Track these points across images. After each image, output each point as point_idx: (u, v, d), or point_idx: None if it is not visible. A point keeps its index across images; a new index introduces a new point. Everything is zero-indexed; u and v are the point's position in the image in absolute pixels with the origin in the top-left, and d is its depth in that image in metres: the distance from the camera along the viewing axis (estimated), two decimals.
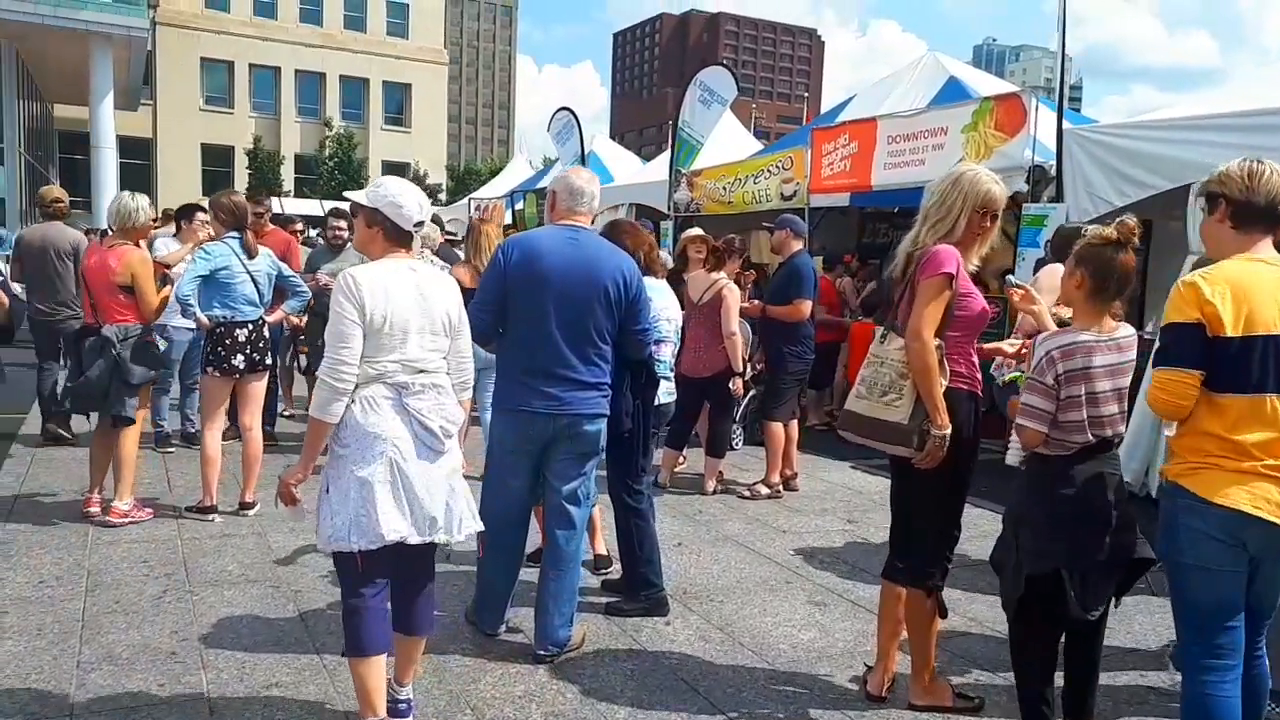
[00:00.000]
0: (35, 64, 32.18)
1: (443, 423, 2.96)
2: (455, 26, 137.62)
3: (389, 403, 2.89)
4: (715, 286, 6.33)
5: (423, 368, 2.96)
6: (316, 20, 52.26)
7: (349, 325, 2.84)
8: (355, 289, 2.85)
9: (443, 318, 3.02)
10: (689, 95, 12.38)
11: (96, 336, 5.18)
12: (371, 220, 3.01)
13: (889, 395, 3.15)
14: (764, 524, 5.91)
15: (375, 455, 2.86)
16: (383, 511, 2.84)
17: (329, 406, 2.85)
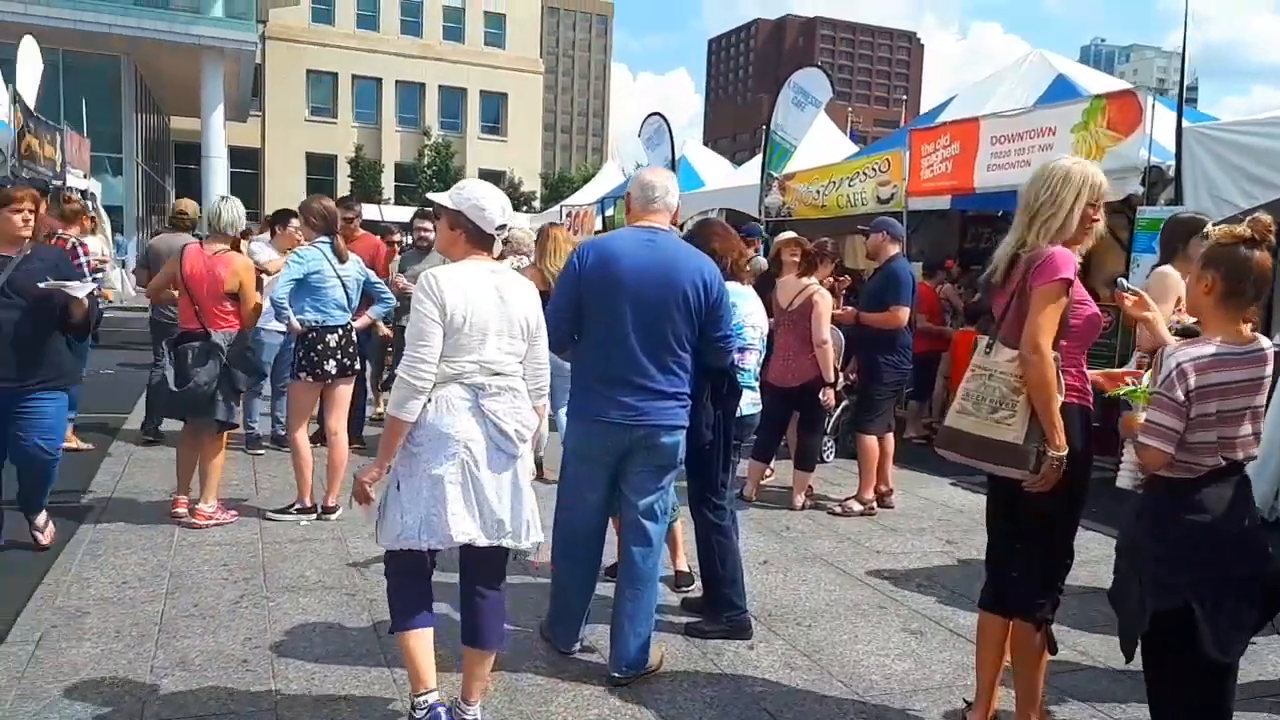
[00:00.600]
0: (153, 78, 33.67)
1: (518, 426, 2.95)
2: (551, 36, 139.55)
3: (465, 404, 2.89)
4: (806, 292, 6.08)
5: (499, 370, 2.95)
6: (416, 32, 53.60)
7: (429, 324, 2.85)
8: (436, 288, 2.86)
9: (521, 321, 3.01)
10: (782, 97, 12.11)
11: (204, 342, 5.18)
12: (454, 223, 3.02)
13: (1000, 412, 2.88)
14: (856, 543, 5.63)
15: (449, 456, 2.86)
16: (453, 513, 2.84)
17: (407, 404, 2.85)
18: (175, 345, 5.21)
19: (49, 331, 4.38)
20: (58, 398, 4.49)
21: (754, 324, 4.24)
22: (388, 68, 52.51)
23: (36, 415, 4.37)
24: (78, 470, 6.13)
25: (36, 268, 4.31)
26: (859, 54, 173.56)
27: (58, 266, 4.45)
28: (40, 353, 4.33)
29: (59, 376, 4.44)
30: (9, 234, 4.30)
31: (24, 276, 4.26)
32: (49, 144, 14.56)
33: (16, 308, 4.24)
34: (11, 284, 4.24)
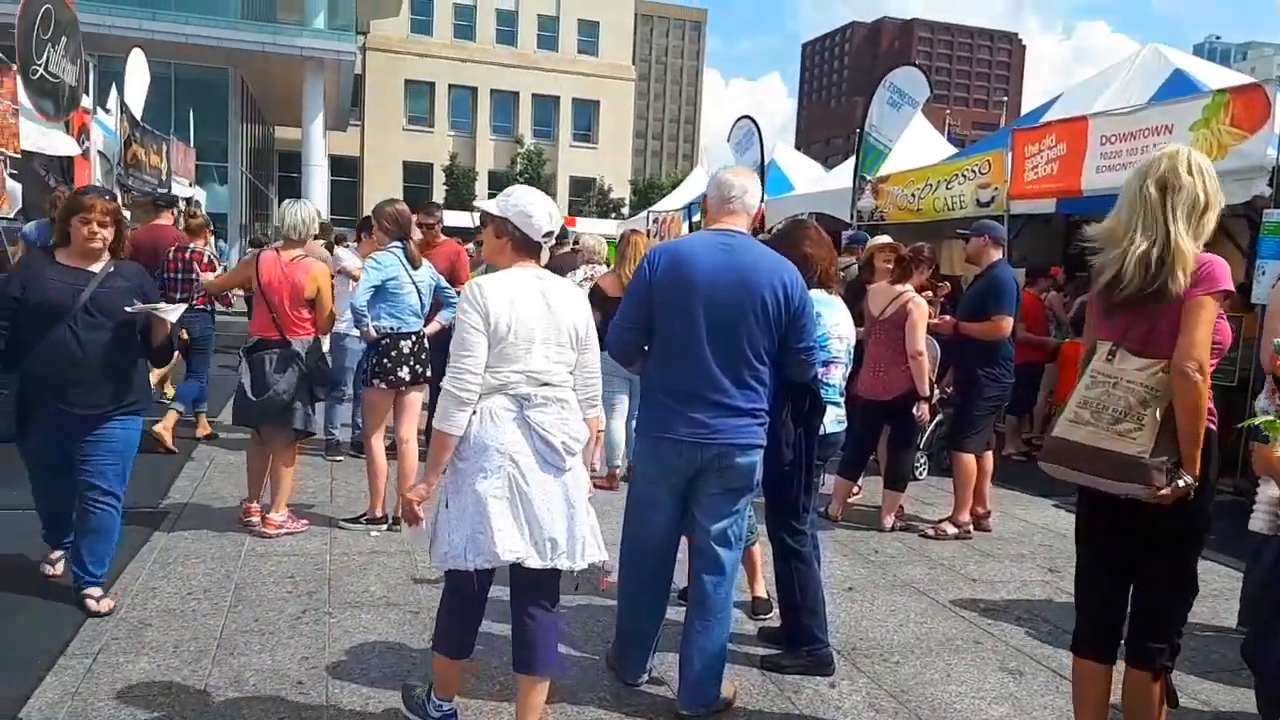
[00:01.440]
0: (258, 90, 34.80)
1: (565, 438, 2.83)
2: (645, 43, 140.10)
3: (510, 415, 2.79)
4: (900, 300, 5.72)
5: (547, 380, 2.84)
6: (511, 41, 54.33)
7: (472, 333, 2.77)
8: (480, 296, 2.78)
9: (570, 329, 2.90)
10: (877, 97, 11.68)
11: (283, 350, 5.12)
12: (500, 230, 2.94)
13: (1123, 424, 2.54)
14: (950, 569, 5.25)
15: (494, 469, 2.76)
16: (499, 529, 2.73)
17: (452, 417, 2.77)
18: (251, 353, 5.15)
19: (131, 354, 4.00)
20: (131, 424, 4.06)
21: (840, 335, 3.92)
22: (483, 77, 53.34)
23: (105, 441, 3.92)
24: (159, 475, 6.15)
25: (120, 286, 3.91)
26: (957, 56, 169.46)
27: (141, 286, 4.03)
28: (121, 376, 3.93)
29: (135, 400, 4.05)
30: (81, 246, 3.88)
31: (107, 295, 3.86)
32: (155, 153, 15.04)
33: (101, 328, 3.83)
34: (95, 302, 3.83)
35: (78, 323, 3.79)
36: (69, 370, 3.77)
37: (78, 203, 3.91)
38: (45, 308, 3.77)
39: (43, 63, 8.74)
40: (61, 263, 3.90)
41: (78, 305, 3.79)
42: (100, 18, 23.61)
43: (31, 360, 3.77)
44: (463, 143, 53.12)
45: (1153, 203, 2.63)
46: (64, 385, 3.78)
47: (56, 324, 3.76)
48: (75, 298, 3.79)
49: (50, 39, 8.85)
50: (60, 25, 9.11)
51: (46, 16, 8.75)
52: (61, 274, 3.85)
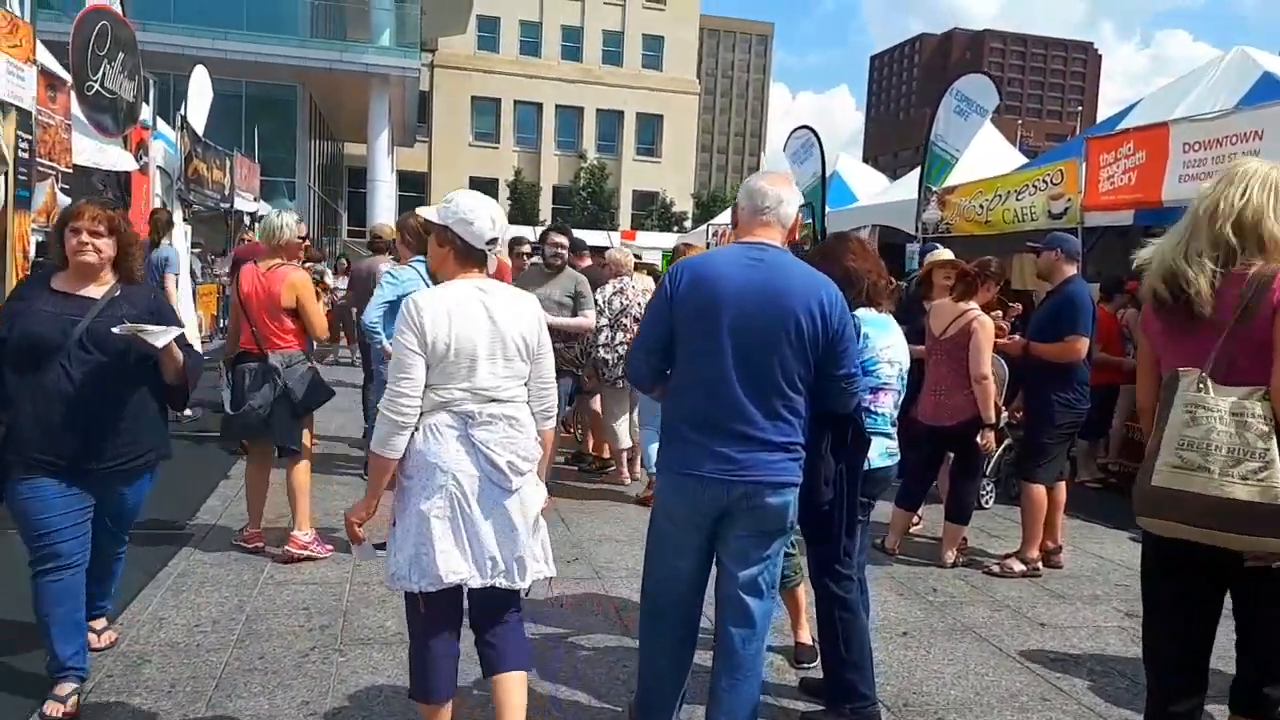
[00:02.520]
0: (326, 106, 35.36)
1: (511, 458, 2.74)
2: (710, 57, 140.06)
3: (453, 433, 2.71)
4: (964, 319, 5.31)
5: (495, 396, 2.75)
6: (576, 57, 54.68)
7: (408, 354, 2.68)
8: (416, 315, 2.68)
9: (517, 342, 2.79)
10: (943, 106, 11.21)
11: (259, 364, 4.91)
12: (442, 239, 2.83)
13: (1246, 464, 2.17)
14: (1016, 612, 4.81)
15: (436, 488, 2.69)
16: (441, 550, 2.66)
17: (389, 440, 2.70)
18: (234, 366, 4.97)
19: (140, 397, 3.32)
20: (140, 485, 3.44)
21: (892, 359, 3.54)
22: (548, 92, 53.75)
23: (117, 502, 3.39)
24: (190, 493, 6.02)
25: (125, 315, 3.21)
26: (1030, 66, 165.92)
27: (153, 312, 3.31)
28: (127, 425, 3.27)
29: (146, 454, 3.38)
30: (77, 265, 3.23)
31: (109, 326, 3.16)
32: (217, 168, 15.20)
33: (100, 366, 3.17)
34: (93, 335, 3.17)
35: (71, 360, 3.13)
36: (64, 419, 3.11)
37: (66, 212, 3.33)
38: (33, 343, 3.11)
39: (99, 79, 8.77)
40: (56, 289, 3.25)
41: (71, 339, 3.13)
42: (174, 38, 24.20)
43: (16, 408, 3.12)
44: (527, 158, 53.53)
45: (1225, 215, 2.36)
46: (55, 437, 3.12)
47: (46, 362, 3.11)
48: (68, 330, 3.14)
49: (106, 55, 8.89)
50: (118, 42, 9.15)
51: (103, 33, 8.79)
52: (55, 302, 3.20)
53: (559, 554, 5.26)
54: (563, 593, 4.64)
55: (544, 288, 6.45)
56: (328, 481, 6.64)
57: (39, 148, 7.54)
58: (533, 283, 6.46)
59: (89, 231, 3.21)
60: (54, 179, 7.84)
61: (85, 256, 3.22)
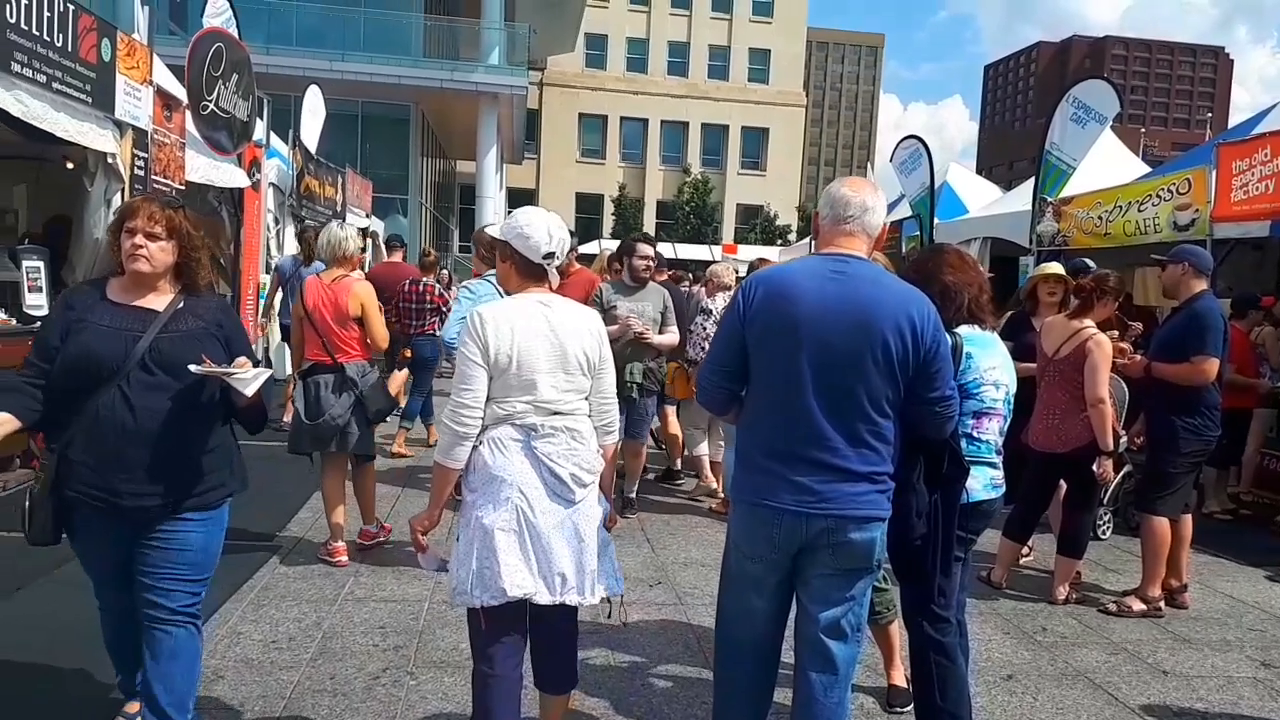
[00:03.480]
0: (438, 125, 36.27)
1: (574, 470, 2.75)
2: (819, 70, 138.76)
3: (517, 445, 2.73)
4: (1079, 337, 4.94)
5: (557, 409, 2.76)
6: (682, 72, 54.87)
7: (472, 366, 2.72)
8: (479, 327, 2.72)
9: (579, 356, 2.80)
10: (1059, 114, 10.68)
11: (335, 374, 5.01)
12: (504, 254, 2.89)
13: None
14: (1135, 657, 4.41)
15: (501, 501, 2.70)
16: (505, 564, 2.66)
17: (451, 451, 2.73)
18: (305, 377, 5.05)
19: (207, 424, 2.84)
20: (212, 523, 2.89)
21: (997, 381, 3.24)
22: (654, 108, 54.07)
23: (174, 548, 2.80)
24: (283, 502, 6.08)
25: (190, 330, 2.79)
26: (1155, 73, 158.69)
27: (222, 326, 2.89)
28: (195, 456, 2.81)
29: (217, 487, 2.89)
30: (131, 272, 2.78)
31: (173, 343, 2.75)
32: (329, 185, 15.65)
33: (163, 389, 2.71)
34: (156, 354, 2.72)
35: (131, 383, 2.69)
36: (119, 450, 2.68)
37: (122, 208, 2.87)
38: (90, 362, 2.68)
39: (213, 98, 9.09)
40: (113, 300, 2.79)
41: (133, 359, 2.69)
42: (296, 60, 25.11)
43: (69, 437, 2.70)
44: (633, 173, 53.90)
45: None
46: (112, 470, 2.68)
47: (104, 385, 2.67)
48: (129, 348, 2.70)
49: (221, 76, 9.20)
50: (233, 64, 9.47)
51: (218, 55, 9.10)
52: (112, 315, 2.75)
53: (641, 576, 5.15)
54: (643, 618, 4.48)
55: (635, 301, 6.27)
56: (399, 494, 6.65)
57: (154, 165, 7.83)
58: (621, 296, 6.32)
59: (145, 233, 2.74)
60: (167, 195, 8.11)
61: (137, 264, 2.74)
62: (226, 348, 2.85)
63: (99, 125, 6.86)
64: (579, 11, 40.59)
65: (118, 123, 7.13)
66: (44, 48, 5.95)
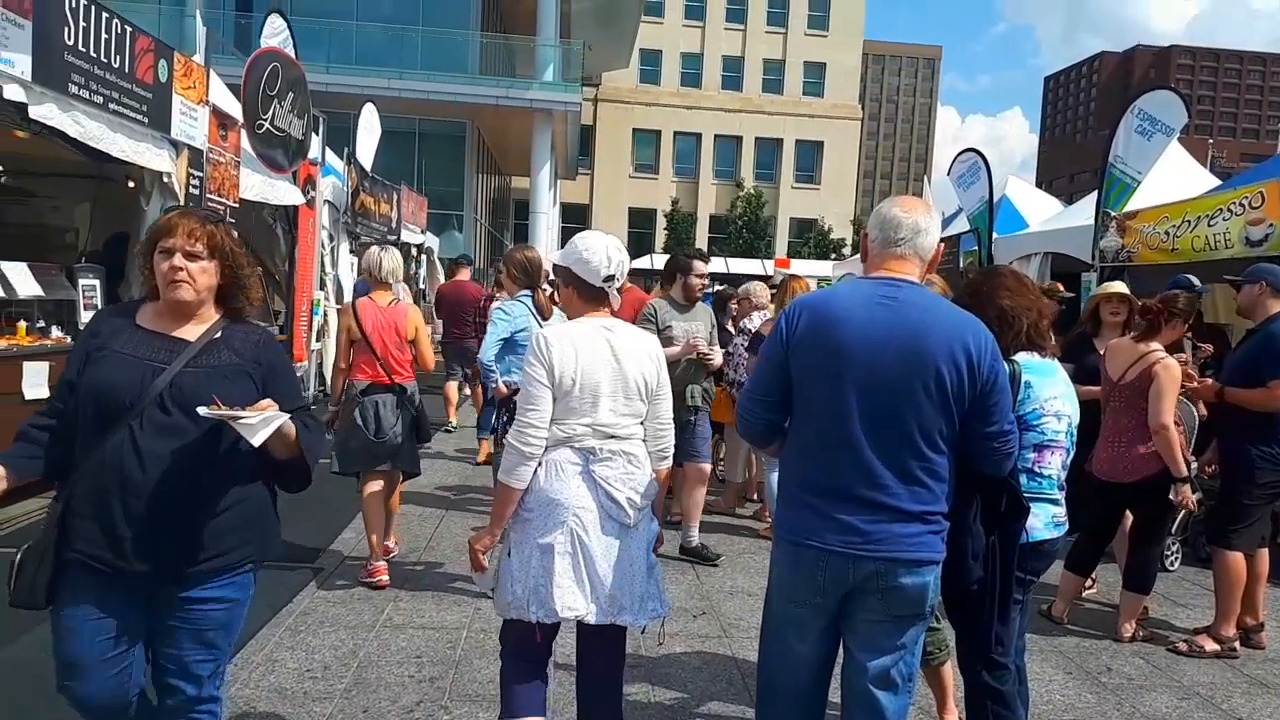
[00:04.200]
0: (494, 142, 36.64)
1: (630, 494, 2.79)
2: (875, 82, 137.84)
3: (575, 469, 2.78)
4: (1145, 361, 4.71)
5: (614, 433, 2.81)
6: (736, 86, 54.82)
7: (537, 387, 2.76)
8: (544, 349, 2.77)
9: (638, 381, 2.85)
10: (1123, 126, 10.34)
11: (394, 394, 5.14)
12: (567, 279, 2.93)
13: None
14: (1208, 702, 4.16)
15: (557, 524, 2.75)
16: (559, 585, 2.72)
17: (516, 471, 2.77)
18: (363, 397, 5.12)
19: (230, 479, 2.40)
20: (236, 592, 2.46)
21: (1059, 412, 3.05)
22: (707, 123, 54.08)
23: (192, 624, 2.39)
24: (327, 521, 6.05)
25: (222, 365, 2.40)
26: (1224, 83, 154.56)
27: (260, 362, 2.47)
28: (216, 518, 2.38)
29: (242, 553, 2.45)
30: (169, 300, 2.38)
31: (197, 381, 2.34)
32: (384, 202, 15.82)
33: (176, 435, 2.30)
34: (177, 392, 2.32)
35: (143, 424, 2.28)
36: (124, 503, 2.27)
37: (156, 226, 2.46)
38: (101, 395, 2.31)
39: (269, 118, 9.20)
40: (142, 326, 2.41)
41: (149, 394, 2.29)
42: (351, 78, 25.53)
43: (72, 486, 2.32)
44: (685, 187, 53.92)
45: None
46: (114, 528, 2.27)
47: (116, 425, 2.29)
48: (149, 381, 2.31)
49: (277, 95, 9.32)
50: (288, 83, 9.59)
51: (274, 74, 9.22)
52: (138, 343, 2.37)
53: (685, 606, 5.01)
54: (686, 650, 4.35)
55: (688, 321, 5.97)
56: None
57: (209, 184, 7.93)
58: (676, 316, 5.99)
59: (184, 253, 2.35)
60: (222, 212, 8.21)
61: (178, 291, 2.35)
62: (261, 388, 2.42)
63: (155, 145, 6.97)
64: (634, 28, 40.79)
65: (174, 142, 7.24)
66: (101, 69, 6.06)
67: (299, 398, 2.56)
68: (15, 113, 5.34)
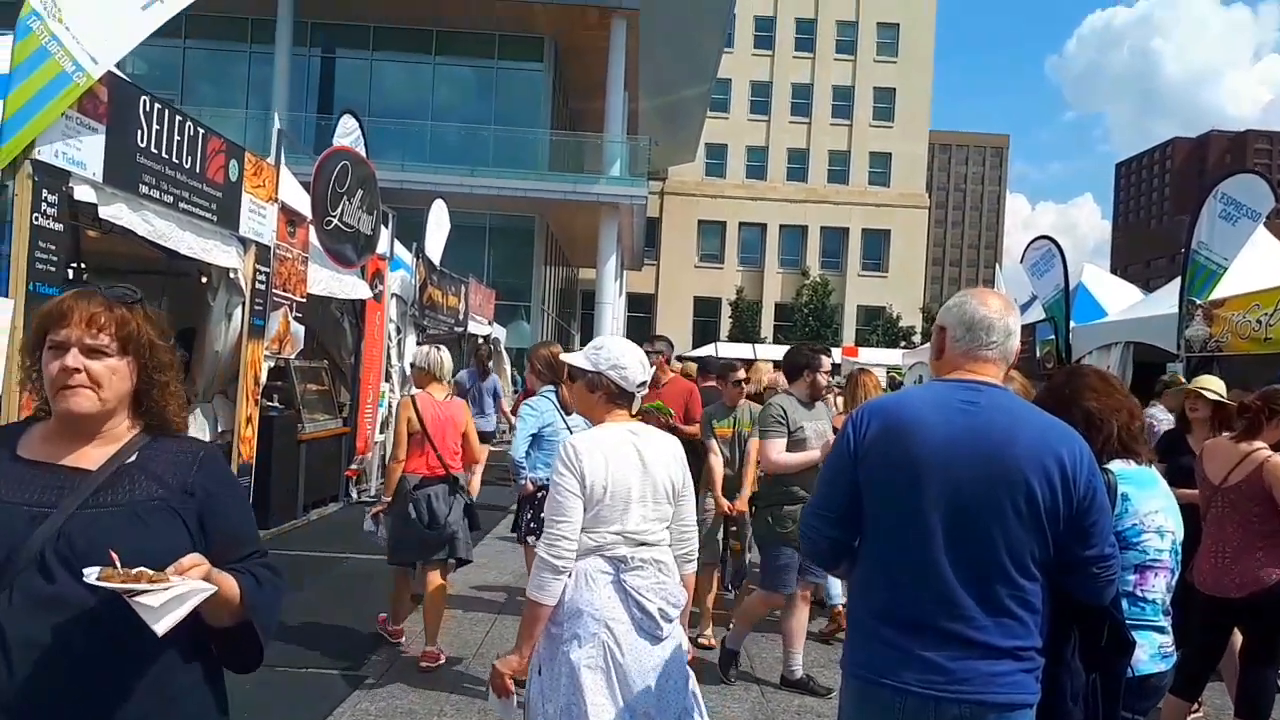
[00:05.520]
0: (562, 234, 37.35)
1: (662, 604, 2.73)
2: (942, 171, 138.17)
3: (606, 578, 2.70)
4: (1251, 461, 4.33)
5: (644, 540, 2.75)
6: (801, 177, 55.39)
7: (569, 497, 2.69)
8: (575, 458, 2.70)
9: (665, 484, 2.81)
10: (1206, 211, 10.01)
11: (448, 484, 5.32)
12: (595, 384, 2.86)
13: None
14: None
15: (588, 636, 2.66)
16: (593, 703, 2.60)
17: (548, 586, 2.67)
18: (416, 490, 5.29)
19: (155, 658, 1.67)
20: None
21: (1160, 527, 2.73)
22: (773, 213, 54.57)
23: None
24: (366, 621, 5.84)
25: (134, 502, 1.72)
26: None
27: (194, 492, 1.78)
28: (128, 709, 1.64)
29: None
30: (62, 411, 1.72)
31: (96, 528, 1.65)
32: (452, 295, 16.03)
33: (60, 609, 1.60)
34: (65, 547, 1.63)
35: (15, 596, 1.60)
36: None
37: (44, 312, 1.77)
38: None
39: (338, 214, 9.39)
40: (25, 457, 1.75)
41: (25, 553, 1.61)
42: (425, 175, 26.30)
43: None
44: (750, 276, 54.13)
45: None
46: None
47: None
48: (21, 535, 1.63)
49: (346, 192, 9.52)
50: (358, 180, 9.81)
51: (343, 172, 9.43)
52: (18, 479, 1.71)
53: None
54: None
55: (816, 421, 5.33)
56: None
57: (275, 279, 8.04)
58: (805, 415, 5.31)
59: (83, 348, 1.71)
60: (287, 308, 8.30)
61: (75, 402, 1.71)
62: (196, 529, 1.76)
63: (223, 242, 7.09)
64: (700, 124, 41.61)
65: (242, 239, 7.38)
66: (172, 169, 6.20)
67: (251, 539, 1.88)
68: (86, 212, 5.44)
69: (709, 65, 36.47)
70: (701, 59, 35.47)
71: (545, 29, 31.50)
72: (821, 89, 55.12)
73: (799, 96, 55.53)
